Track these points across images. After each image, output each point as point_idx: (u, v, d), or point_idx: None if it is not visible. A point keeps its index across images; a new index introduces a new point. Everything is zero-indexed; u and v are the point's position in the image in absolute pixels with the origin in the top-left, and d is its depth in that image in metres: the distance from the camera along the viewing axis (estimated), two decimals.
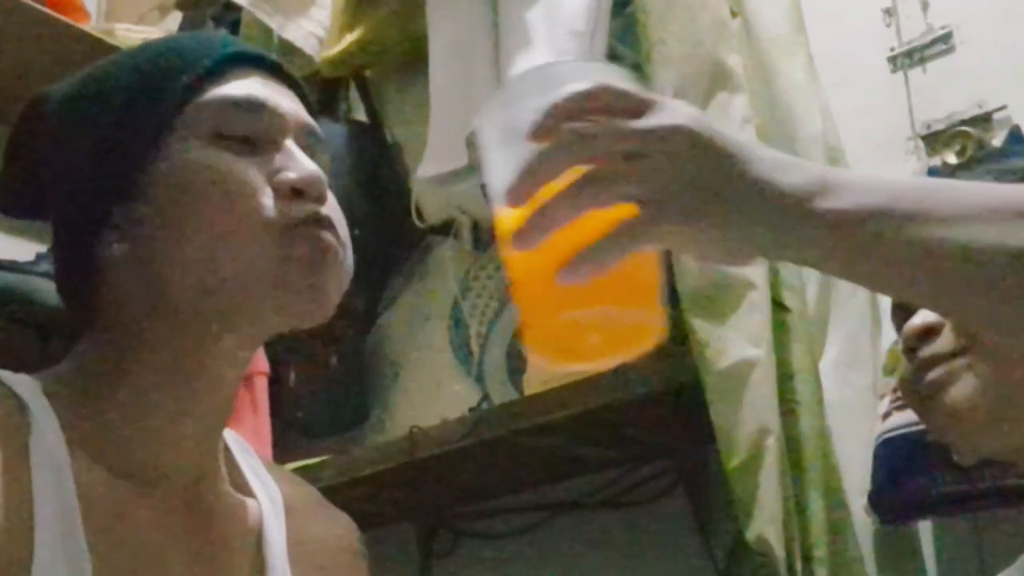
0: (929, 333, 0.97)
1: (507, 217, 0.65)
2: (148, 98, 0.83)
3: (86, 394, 0.82)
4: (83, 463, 0.79)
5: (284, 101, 0.86)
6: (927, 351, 0.96)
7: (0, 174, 0.91)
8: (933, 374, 0.95)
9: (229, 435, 0.92)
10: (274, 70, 0.88)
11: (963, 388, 0.93)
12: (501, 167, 0.66)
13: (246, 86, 0.85)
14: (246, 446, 0.95)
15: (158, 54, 0.87)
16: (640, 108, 0.64)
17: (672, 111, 0.64)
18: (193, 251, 0.80)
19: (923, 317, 0.97)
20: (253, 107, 0.84)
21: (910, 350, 0.98)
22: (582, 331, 0.66)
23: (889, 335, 1.33)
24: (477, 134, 0.70)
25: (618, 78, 0.67)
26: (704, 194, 0.62)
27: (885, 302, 1.26)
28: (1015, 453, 0.96)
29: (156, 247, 0.81)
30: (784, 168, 0.63)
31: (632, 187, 0.62)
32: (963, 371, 0.94)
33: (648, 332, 0.67)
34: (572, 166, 0.62)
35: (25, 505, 0.74)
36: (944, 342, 0.96)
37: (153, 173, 0.81)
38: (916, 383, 0.97)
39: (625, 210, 0.62)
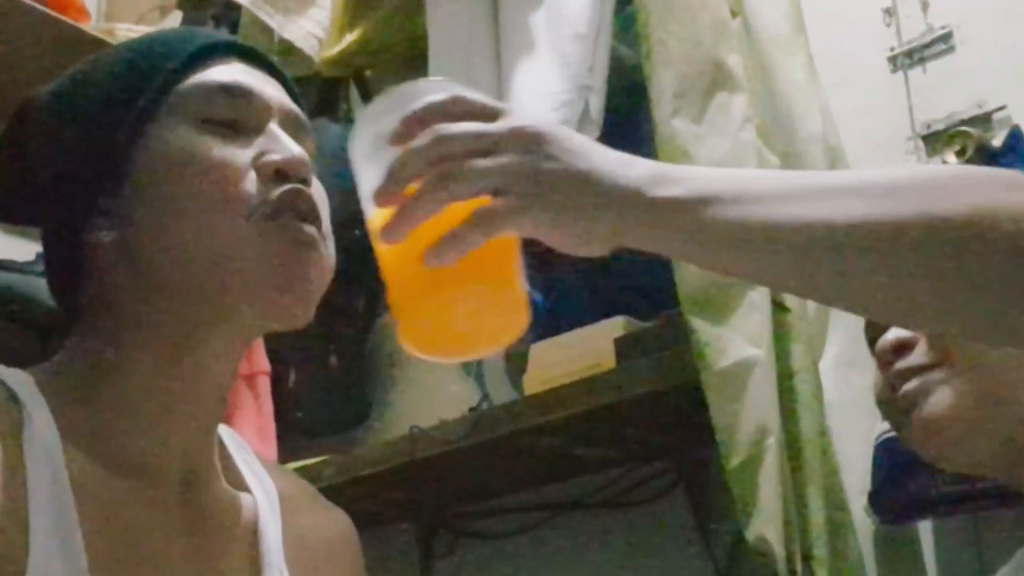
0: (903, 347, 0.98)
1: (377, 217, 0.70)
2: (132, 87, 0.83)
3: (79, 388, 0.82)
4: (77, 458, 0.78)
5: (268, 88, 0.86)
6: (901, 364, 0.97)
7: None
8: (909, 386, 0.96)
9: (224, 431, 0.92)
10: (258, 60, 0.89)
11: (939, 400, 0.94)
12: (370, 174, 0.71)
13: (229, 72, 0.85)
14: (241, 441, 0.95)
15: (141, 45, 0.88)
16: (494, 115, 0.70)
17: (523, 116, 0.71)
18: (177, 236, 0.80)
19: (896, 332, 0.99)
20: (237, 92, 0.84)
21: (885, 364, 0.99)
22: (449, 317, 0.70)
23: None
24: (348, 151, 0.75)
25: (475, 94, 0.73)
26: (552, 185, 0.68)
27: None
28: (990, 466, 0.97)
29: (142, 233, 0.81)
30: (626, 163, 0.70)
31: (488, 181, 0.67)
32: (939, 384, 0.95)
33: (511, 316, 0.71)
34: (434, 164, 0.68)
35: (20, 501, 0.74)
36: (919, 355, 0.97)
37: (138, 160, 0.82)
38: (892, 395, 0.98)
39: (483, 203, 0.68)
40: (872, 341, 1.03)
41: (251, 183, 0.81)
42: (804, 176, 0.73)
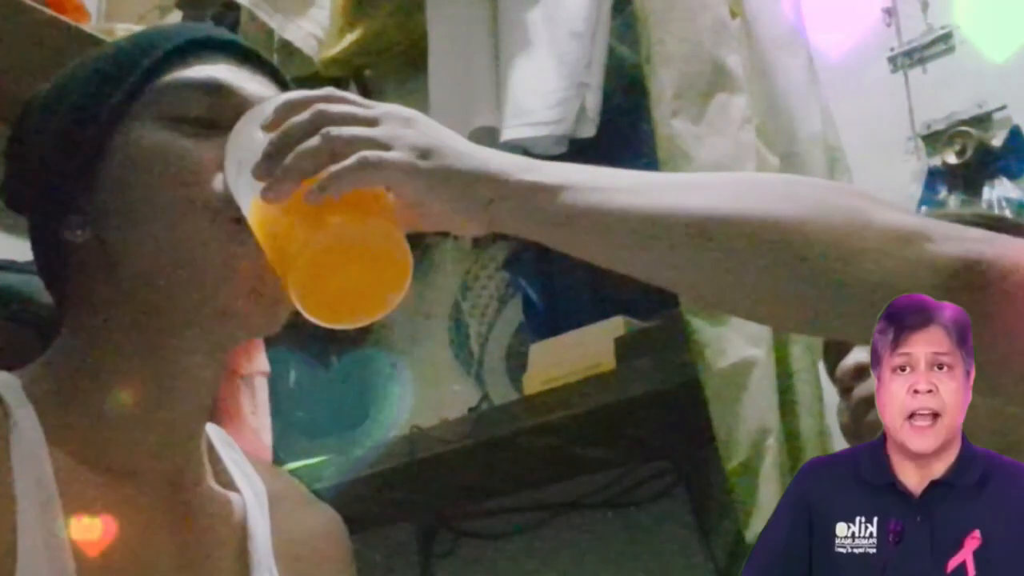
0: (862, 372, 0.98)
1: (257, 187, 0.71)
2: (108, 82, 0.82)
3: (64, 389, 0.81)
4: (64, 461, 0.77)
5: (250, 85, 0.83)
6: (862, 390, 0.98)
7: (4, 172, 0.91)
8: (872, 417, 0.96)
9: (212, 429, 0.91)
10: (248, 57, 0.86)
11: None
12: (249, 159, 0.72)
13: (209, 69, 0.83)
14: (229, 440, 0.93)
15: (128, 41, 0.86)
16: (367, 107, 0.74)
17: (395, 106, 0.74)
18: (143, 237, 0.79)
19: (855, 357, 0.99)
20: (212, 89, 0.82)
21: (846, 390, 0.99)
22: (334, 261, 0.70)
23: None
24: (224, 157, 0.76)
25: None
26: (434, 151, 0.71)
27: None
28: None
29: (113, 233, 0.80)
30: (494, 152, 0.74)
31: (370, 143, 0.70)
32: None
33: (394, 265, 0.72)
34: (314, 134, 0.70)
35: (7, 506, 0.74)
36: None
37: (110, 157, 0.81)
38: (855, 423, 0.99)
39: None
40: (832, 367, 1.03)
41: (219, 184, 0.78)
42: (663, 175, 0.77)
